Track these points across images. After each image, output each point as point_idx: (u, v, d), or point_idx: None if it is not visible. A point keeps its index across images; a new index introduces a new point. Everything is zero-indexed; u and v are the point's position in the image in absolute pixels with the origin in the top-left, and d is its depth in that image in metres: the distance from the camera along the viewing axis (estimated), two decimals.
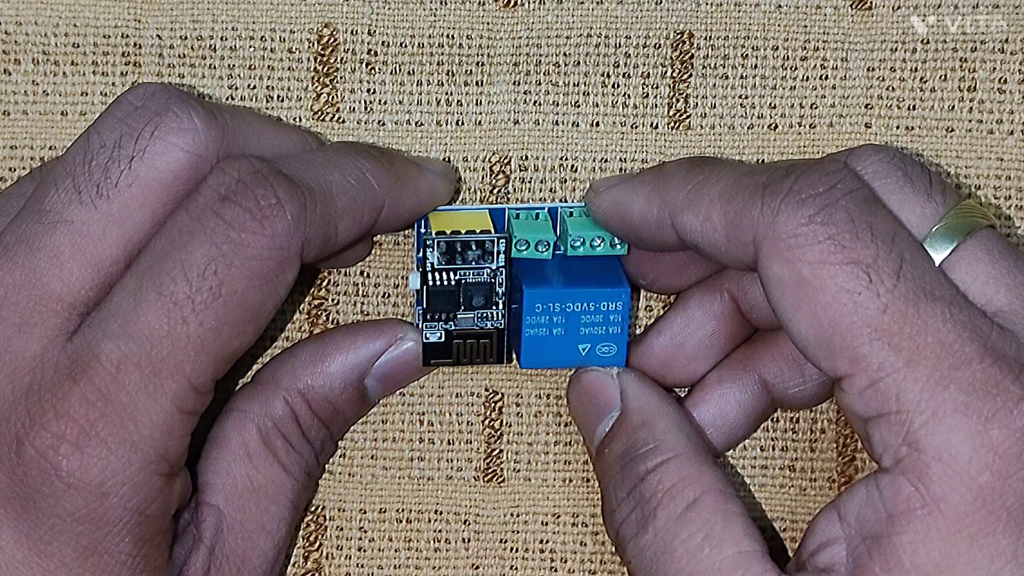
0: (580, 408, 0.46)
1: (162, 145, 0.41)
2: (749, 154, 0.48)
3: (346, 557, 0.48)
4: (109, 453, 0.40)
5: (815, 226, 0.40)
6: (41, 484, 0.40)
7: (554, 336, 0.45)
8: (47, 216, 0.41)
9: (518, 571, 0.48)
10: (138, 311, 0.40)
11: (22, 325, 0.41)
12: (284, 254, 0.41)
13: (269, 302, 0.42)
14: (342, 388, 0.46)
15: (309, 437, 0.45)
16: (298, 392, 0.45)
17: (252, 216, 0.41)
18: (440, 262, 0.45)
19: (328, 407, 0.45)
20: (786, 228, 0.41)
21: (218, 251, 0.40)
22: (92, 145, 0.42)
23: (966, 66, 0.48)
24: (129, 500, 0.40)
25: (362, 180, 0.44)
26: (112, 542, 0.41)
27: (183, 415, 0.41)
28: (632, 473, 0.44)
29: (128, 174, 0.41)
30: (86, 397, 0.40)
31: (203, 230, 0.40)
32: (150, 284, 0.40)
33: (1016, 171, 0.48)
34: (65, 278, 0.41)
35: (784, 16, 0.48)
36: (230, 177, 0.41)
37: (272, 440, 0.44)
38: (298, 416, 0.45)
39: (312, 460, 0.45)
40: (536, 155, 0.48)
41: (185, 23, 0.47)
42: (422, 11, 0.48)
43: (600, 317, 0.45)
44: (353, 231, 0.43)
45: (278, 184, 0.41)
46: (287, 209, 0.41)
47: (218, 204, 0.41)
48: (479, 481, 0.48)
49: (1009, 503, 0.39)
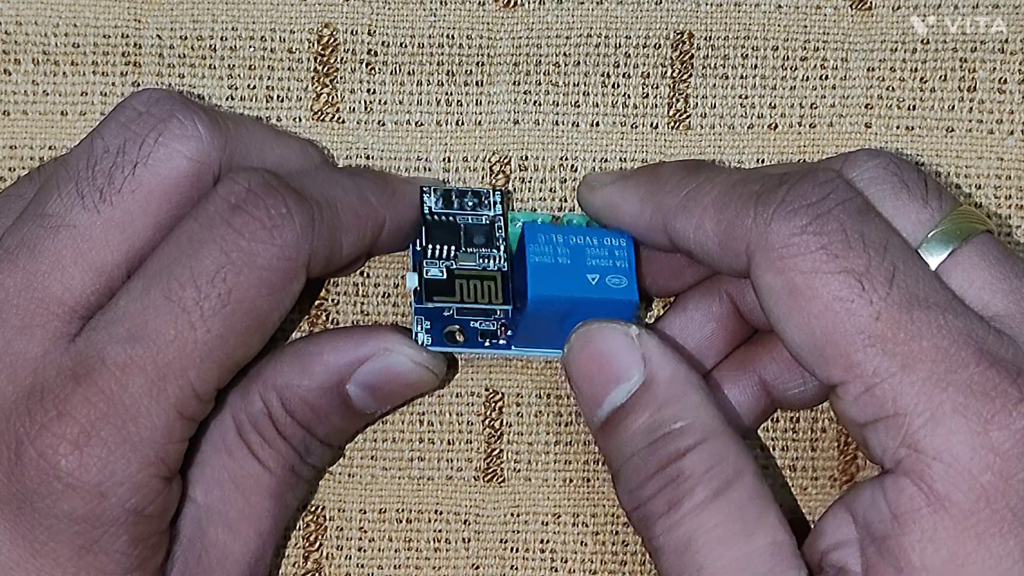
0: (588, 370, 0.43)
1: (166, 151, 0.41)
2: (749, 154, 0.48)
3: (346, 557, 0.48)
4: (109, 453, 0.40)
5: (808, 236, 0.40)
6: (39, 485, 0.40)
7: (560, 264, 0.43)
8: (50, 220, 0.41)
9: (518, 571, 0.48)
10: (146, 315, 0.40)
11: (23, 328, 0.41)
12: (292, 265, 0.41)
13: (275, 312, 0.42)
14: (320, 390, 0.44)
15: (285, 435, 0.44)
16: (274, 389, 0.44)
17: (262, 225, 0.41)
18: (438, 206, 0.45)
19: (305, 408, 0.44)
20: (778, 238, 0.41)
21: (228, 259, 0.40)
22: (96, 150, 0.42)
23: (966, 66, 0.48)
24: (127, 501, 0.40)
25: (363, 197, 0.44)
26: (109, 542, 0.41)
27: (183, 420, 0.41)
28: (662, 451, 0.42)
29: (132, 179, 0.41)
30: (88, 398, 0.40)
31: (213, 238, 0.41)
32: (159, 289, 0.40)
33: (1016, 171, 0.48)
34: (67, 282, 0.41)
35: (784, 16, 0.48)
36: (240, 186, 0.41)
37: (247, 433, 0.44)
38: (272, 413, 0.44)
39: (292, 457, 0.44)
40: (536, 155, 0.48)
41: (185, 23, 0.47)
42: (422, 11, 0.48)
43: (606, 252, 0.44)
44: (357, 246, 0.43)
45: (288, 195, 0.41)
46: (296, 220, 0.41)
47: (229, 213, 0.41)
48: (479, 481, 0.48)
49: (1013, 503, 0.39)
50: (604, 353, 0.43)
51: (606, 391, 0.43)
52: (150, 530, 0.41)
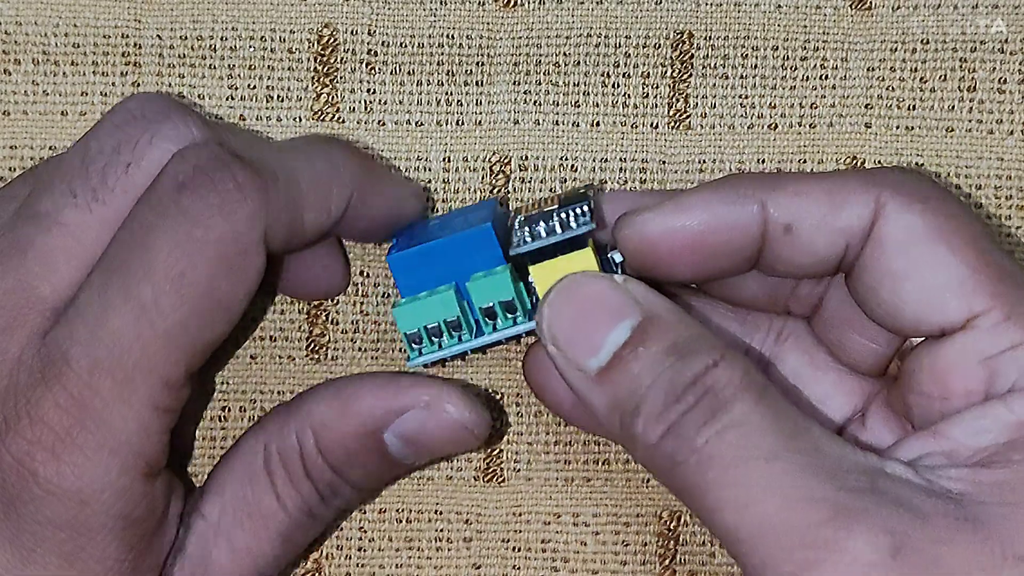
0: (576, 317, 0.41)
1: (159, 152, 0.41)
2: (749, 154, 0.48)
3: (346, 557, 0.48)
4: (86, 460, 0.40)
5: (937, 189, 0.42)
6: (21, 490, 0.40)
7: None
8: (42, 219, 0.41)
9: (520, 570, 0.48)
10: (106, 315, 0.40)
11: (6, 328, 0.41)
12: (245, 240, 0.40)
13: (238, 290, 0.41)
14: (356, 435, 0.43)
15: (311, 475, 0.43)
16: (311, 427, 0.43)
17: (210, 204, 0.40)
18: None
19: (339, 450, 0.43)
20: (916, 185, 0.41)
21: (178, 244, 0.40)
22: (90, 150, 0.41)
23: (966, 66, 0.48)
24: (111, 507, 0.40)
25: (330, 165, 0.43)
26: (97, 548, 0.40)
27: (159, 413, 0.40)
28: (693, 365, 0.40)
29: (125, 179, 0.41)
30: (59, 403, 0.39)
31: (164, 224, 0.40)
32: (116, 286, 0.40)
33: (1016, 171, 0.48)
34: (55, 282, 0.41)
35: (784, 16, 0.48)
36: (188, 164, 0.40)
37: (273, 467, 0.43)
38: (304, 450, 0.43)
39: (313, 499, 0.44)
40: (536, 155, 0.48)
41: (185, 23, 0.47)
42: (422, 11, 0.48)
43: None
44: (322, 219, 0.43)
45: (237, 169, 0.40)
46: (246, 194, 0.40)
47: (176, 193, 0.40)
48: (479, 481, 0.48)
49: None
50: (591, 298, 0.41)
51: (603, 333, 0.41)
52: (140, 532, 0.41)
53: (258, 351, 0.48)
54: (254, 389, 0.48)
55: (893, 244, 0.41)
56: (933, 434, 0.41)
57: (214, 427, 0.48)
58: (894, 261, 0.41)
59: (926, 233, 0.41)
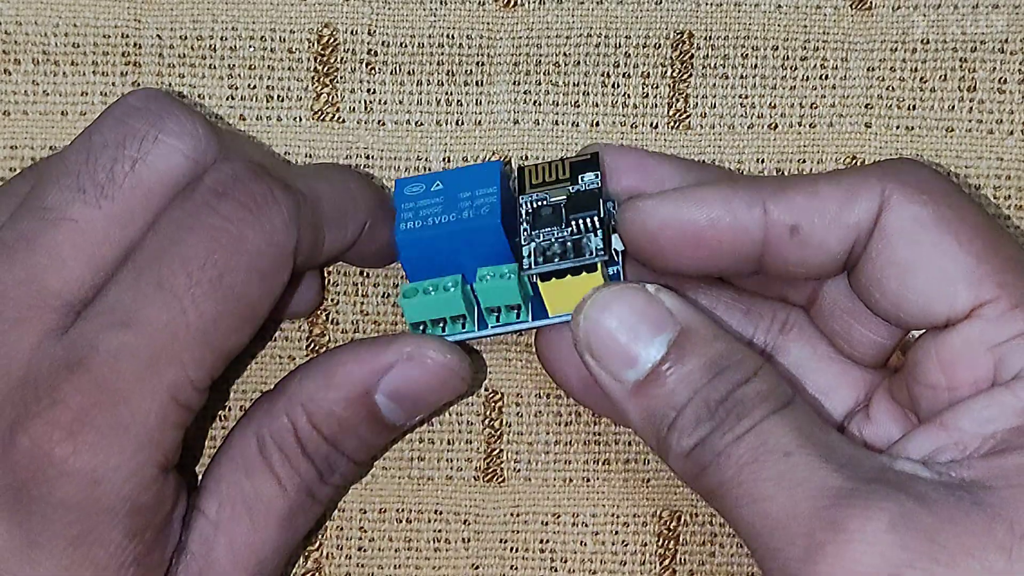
0: (613, 330, 0.42)
1: (165, 148, 0.41)
2: (749, 154, 0.48)
3: (346, 557, 0.48)
4: (101, 438, 0.40)
5: (942, 180, 0.42)
6: (34, 473, 0.40)
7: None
8: (49, 213, 0.41)
9: (518, 571, 0.48)
10: (137, 303, 0.40)
11: (18, 321, 0.41)
12: (280, 250, 0.41)
13: (266, 300, 0.41)
14: (346, 402, 0.44)
15: (308, 451, 0.44)
16: (300, 404, 0.44)
17: (249, 211, 0.41)
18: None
19: (332, 421, 0.44)
20: (919, 176, 0.42)
21: (217, 244, 0.40)
22: (94, 144, 0.42)
23: (966, 66, 0.48)
24: (121, 488, 0.40)
25: (348, 193, 0.44)
26: (103, 532, 0.41)
27: (178, 406, 0.41)
28: (728, 379, 0.41)
29: (132, 175, 0.41)
30: (81, 385, 0.40)
31: (201, 224, 0.40)
32: (149, 277, 0.40)
33: (1016, 171, 0.48)
34: (65, 276, 0.41)
35: (784, 16, 0.48)
36: (225, 174, 0.41)
37: (268, 451, 0.43)
38: (297, 428, 0.43)
39: (311, 477, 0.44)
40: (536, 155, 0.48)
41: (185, 23, 0.47)
42: (422, 11, 0.48)
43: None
44: (339, 242, 0.43)
45: (273, 182, 0.41)
46: (283, 206, 0.41)
47: (215, 200, 0.41)
48: (479, 481, 0.48)
49: None
50: (628, 312, 0.42)
51: (641, 346, 0.41)
52: (145, 522, 0.41)
53: (257, 349, 0.48)
54: (254, 389, 0.48)
55: (899, 235, 0.41)
56: (941, 426, 0.41)
57: (214, 427, 0.48)
58: (900, 252, 0.41)
59: (932, 223, 0.41)
